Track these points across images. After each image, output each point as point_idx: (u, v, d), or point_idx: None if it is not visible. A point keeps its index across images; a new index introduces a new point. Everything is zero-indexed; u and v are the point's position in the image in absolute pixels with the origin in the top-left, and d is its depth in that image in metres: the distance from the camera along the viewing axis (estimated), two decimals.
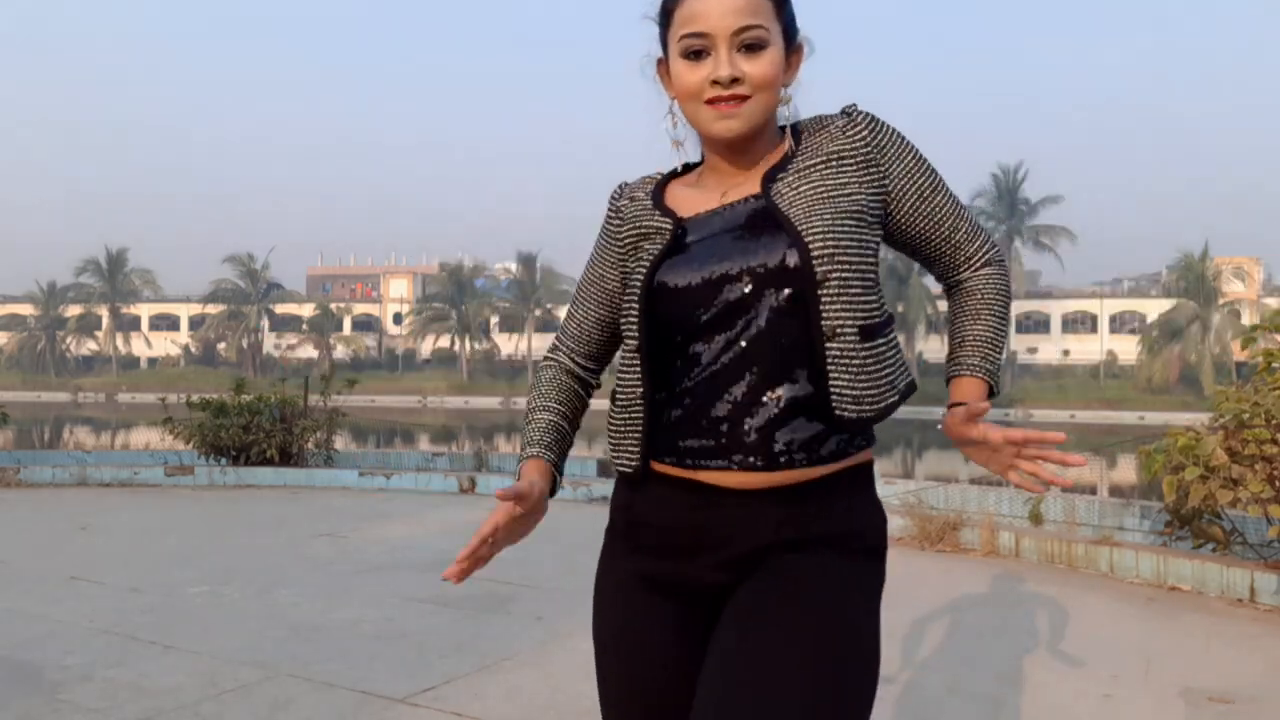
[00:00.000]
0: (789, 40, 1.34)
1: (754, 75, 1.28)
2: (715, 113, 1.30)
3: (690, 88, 1.31)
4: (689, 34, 1.29)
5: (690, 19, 1.29)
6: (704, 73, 1.29)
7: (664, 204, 1.39)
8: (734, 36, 1.28)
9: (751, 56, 1.29)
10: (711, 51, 1.29)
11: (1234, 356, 46.50)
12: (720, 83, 1.28)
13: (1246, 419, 5.15)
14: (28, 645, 3.93)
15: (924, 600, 4.92)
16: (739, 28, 1.27)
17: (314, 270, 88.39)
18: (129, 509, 7.94)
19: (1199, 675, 3.76)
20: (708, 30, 1.28)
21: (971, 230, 1.43)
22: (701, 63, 1.29)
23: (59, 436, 29.83)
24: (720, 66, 1.27)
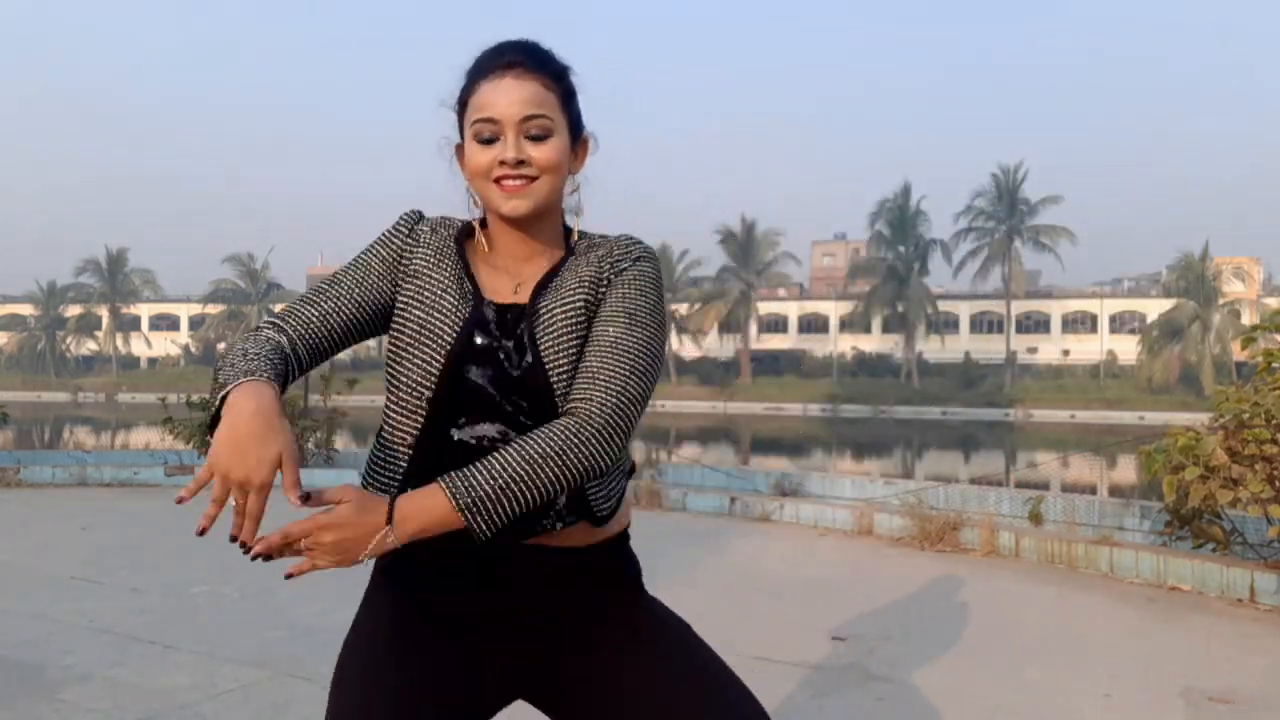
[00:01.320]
0: (575, 133, 1.45)
1: (539, 159, 1.38)
2: (504, 193, 1.39)
3: (480, 168, 1.40)
4: (481, 119, 1.39)
5: (482, 106, 1.39)
6: (493, 155, 1.39)
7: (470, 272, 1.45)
8: (521, 124, 1.38)
9: (538, 144, 1.39)
10: (501, 137, 1.38)
11: (1234, 356, 46.51)
12: (507, 163, 1.38)
13: (1246, 419, 5.15)
14: (28, 645, 3.93)
15: (924, 600, 4.92)
16: (525, 116, 1.38)
17: (314, 270, 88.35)
18: (129, 509, 7.94)
19: (1199, 675, 3.76)
20: (497, 116, 1.38)
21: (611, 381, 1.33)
22: (491, 147, 1.39)
23: (59, 436, 29.85)
24: (508, 149, 1.37)
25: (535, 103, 1.38)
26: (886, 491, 8.33)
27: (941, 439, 37.70)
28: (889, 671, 3.76)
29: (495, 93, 1.38)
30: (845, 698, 3.46)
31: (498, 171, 1.38)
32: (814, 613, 4.60)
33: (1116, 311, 62.77)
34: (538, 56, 1.42)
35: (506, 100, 1.38)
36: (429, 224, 1.49)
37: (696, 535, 6.82)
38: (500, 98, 1.38)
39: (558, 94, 1.41)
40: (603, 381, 1.33)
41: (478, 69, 1.43)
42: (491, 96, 1.38)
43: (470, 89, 1.43)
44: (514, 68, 1.39)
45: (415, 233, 1.48)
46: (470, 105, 1.41)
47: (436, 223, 1.49)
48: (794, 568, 5.76)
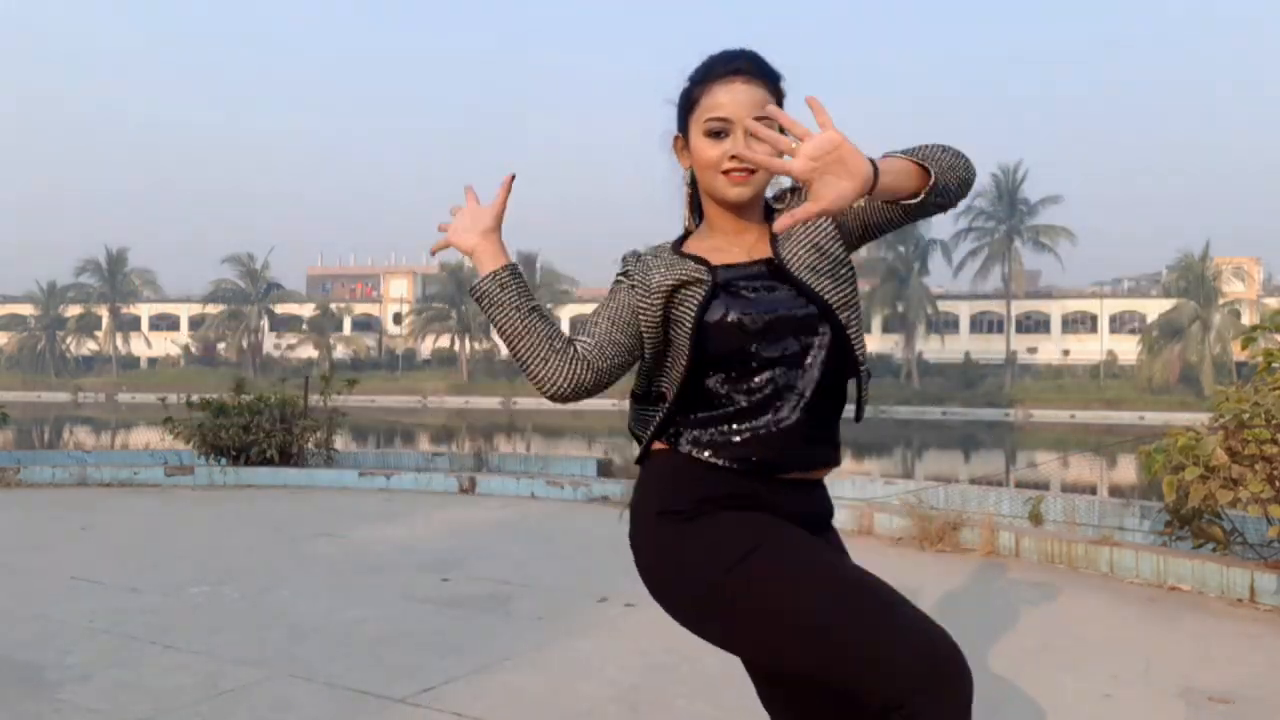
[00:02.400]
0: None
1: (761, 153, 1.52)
2: (730, 181, 1.62)
3: (711, 160, 1.62)
4: (713, 117, 1.61)
5: (715, 106, 1.61)
6: (723, 149, 1.61)
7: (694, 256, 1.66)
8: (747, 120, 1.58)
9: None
10: (730, 133, 1.60)
11: (1234, 356, 46.50)
12: (737, 158, 1.59)
13: (1246, 419, 5.15)
14: (28, 645, 3.93)
15: (924, 600, 4.92)
16: (753, 116, 1.58)
17: (314, 270, 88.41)
18: (129, 509, 7.94)
19: (1199, 675, 3.76)
20: (729, 115, 1.60)
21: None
22: (721, 141, 1.61)
23: (59, 436, 29.85)
24: (737, 146, 1.58)
25: (760, 105, 1.59)
26: (886, 491, 8.33)
27: (941, 439, 37.70)
28: None
29: (727, 94, 1.61)
30: None
31: (726, 164, 1.60)
32: None
33: (1116, 311, 62.75)
34: (761, 65, 1.64)
35: (737, 102, 1.60)
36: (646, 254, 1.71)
37: None
38: (731, 99, 1.60)
39: (775, 98, 1.63)
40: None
41: (708, 73, 1.64)
42: (724, 98, 1.61)
43: (701, 90, 1.64)
44: (742, 74, 1.62)
45: (641, 262, 1.69)
46: (701, 104, 1.63)
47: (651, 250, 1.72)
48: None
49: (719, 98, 1.61)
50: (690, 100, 1.66)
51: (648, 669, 3.70)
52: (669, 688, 3.51)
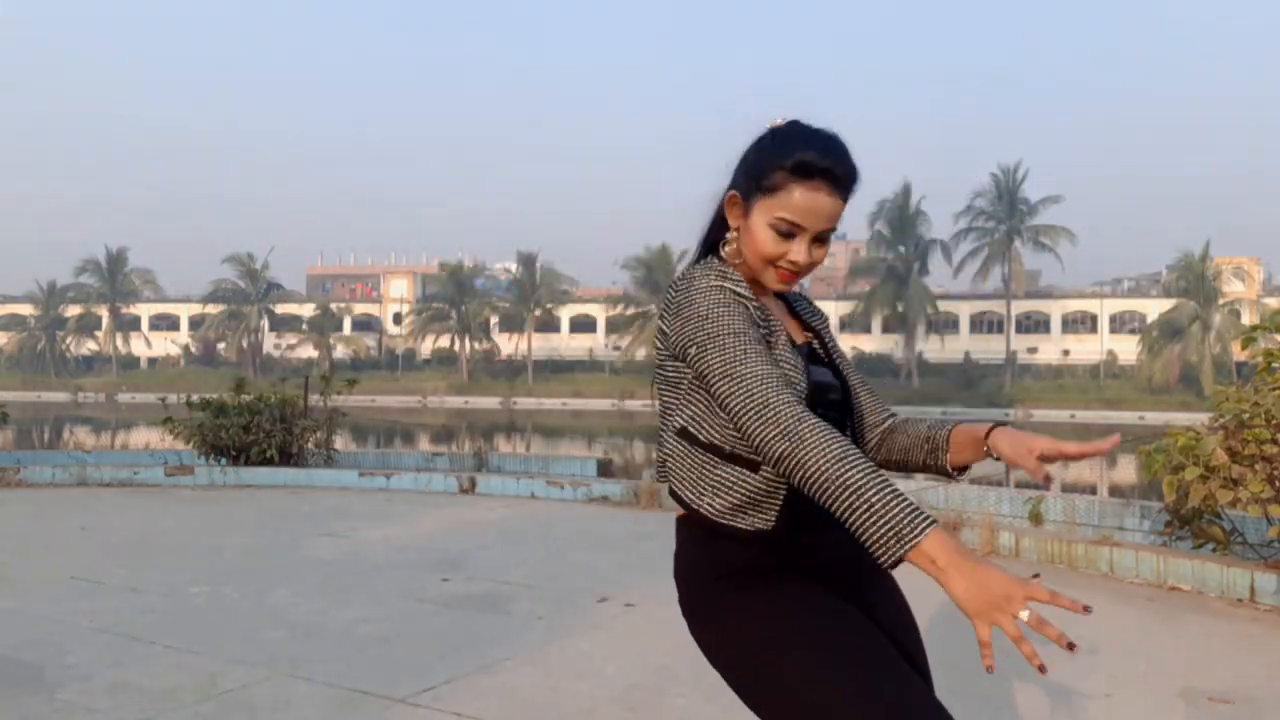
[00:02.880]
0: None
1: (816, 259, 1.61)
2: (778, 278, 1.61)
3: (770, 255, 1.58)
4: (788, 220, 1.56)
5: (793, 210, 1.55)
6: (784, 250, 1.58)
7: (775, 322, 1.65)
8: (818, 231, 1.58)
9: (820, 246, 1.60)
10: (797, 236, 1.57)
11: (1234, 356, 46.48)
12: (795, 263, 1.58)
13: (1246, 419, 5.15)
14: (28, 645, 3.93)
15: (924, 600, 4.92)
16: (822, 229, 1.58)
17: (314, 270, 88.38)
18: (129, 509, 7.94)
19: (1199, 675, 3.76)
20: (805, 226, 1.56)
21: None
22: (785, 241, 1.57)
23: (59, 436, 29.83)
24: (800, 254, 1.58)
25: (834, 218, 1.58)
26: None
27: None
28: None
29: (811, 203, 1.55)
30: None
31: (783, 265, 1.59)
32: None
33: (1116, 311, 62.74)
34: (853, 180, 1.59)
35: (817, 216, 1.56)
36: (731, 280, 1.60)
37: None
38: (814, 209, 1.55)
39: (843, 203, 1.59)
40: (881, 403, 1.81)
41: (803, 166, 1.54)
42: (806, 204, 1.55)
43: (781, 178, 1.55)
44: (833, 186, 1.55)
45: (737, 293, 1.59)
46: (777, 195, 1.56)
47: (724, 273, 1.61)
48: None
49: (799, 201, 1.54)
50: (765, 179, 1.57)
51: (648, 669, 3.70)
52: (669, 688, 3.51)
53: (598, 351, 66.41)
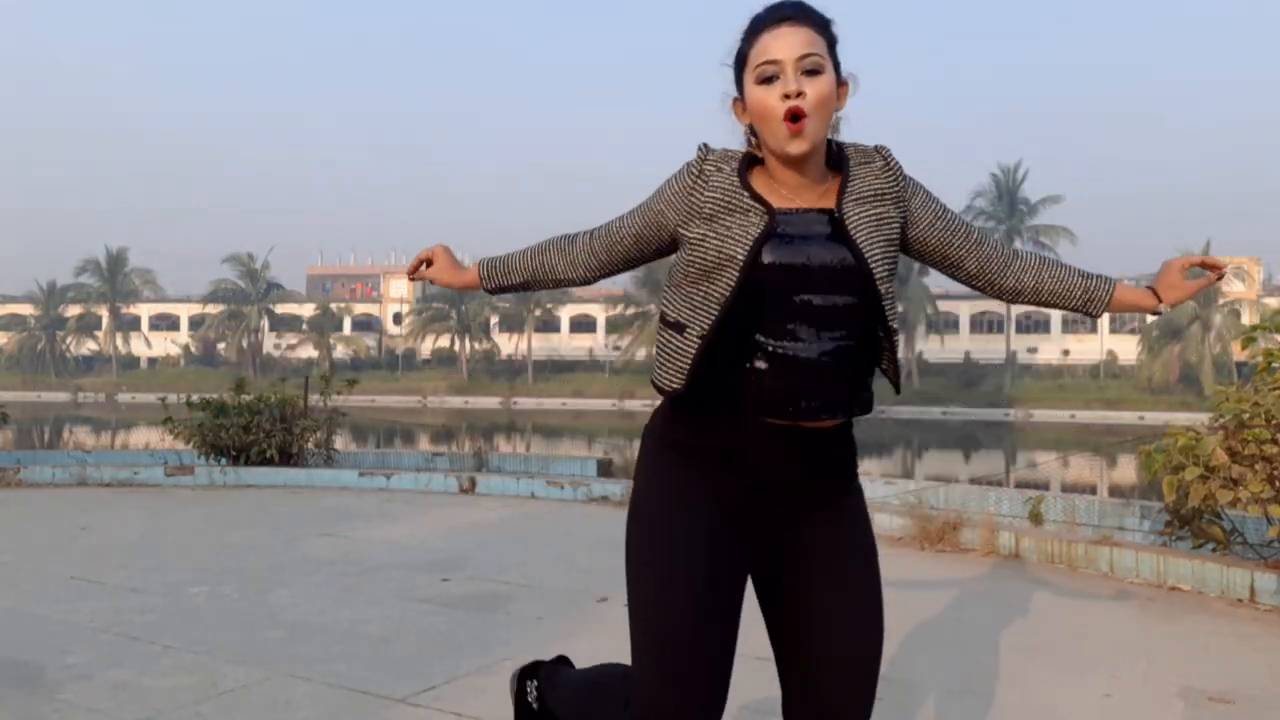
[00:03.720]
0: (838, 74, 1.68)
1: (812, 94, 1.61)
2: (788, 133, 1.61)
3: (767, 106, 1.63)
4: (764, 61, 1.64)
5: (764, 52, 1.64)
6: (777, 92, 1.62)
7: (754, 189, 1.67)
8: (798, 62, 1.62)
9: (811, 79, 1.62)
10: (781, 75, 1.62)
11: (1234, 356, 46.50)
12: (790, 95, 1.60)
13: (1246, 419, 5.15)
14: (28, 645, 3.93)
15: (924, 600, 4.92)
16: (801, 54, 1.62)
17: (314, 270, 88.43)
18: (129, 509, 7.94)
19: (1199, 675, 3.76)
20: (778, 57, 1.62)
21: (983, 233, 1.84)
22: (773, 85, 1.63)
23: (59, 436, 29.85)
24: (789, 83, 1.61)
25: (809, 44, 1.63)
26: (886, 491, 8.33)
27: (941, 439, 37.70)
28: (888, 671, 3.75)
29: (775, 39, 1.64)
30: None
31: (783, 106, 1.60)
32: None
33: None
34: (806, 10, 1.68)
35: (785, 44, 1.62)
36: (713, 159, 1.71)
37: None
38: (779, 42, 1.63)
39: (825, 40, 1.66)
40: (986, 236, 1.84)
41: (756, 26, 1.68)
42: (772, 43, 1.64)
43: (750, 42, 1.68)
44: (788, 20, 1.65)
45: (703, 172, 1.70)
46: (752, 55, 1.66)
47: (720, 157, 1.72)
48: None
49: (765, 43, 1.65)
50: (742, 57, 1.70)
51: None
52: None
53: (598, 351, 66.43)
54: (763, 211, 1.64)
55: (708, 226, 1.66)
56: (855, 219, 1.67)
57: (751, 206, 1.65)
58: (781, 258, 1.62)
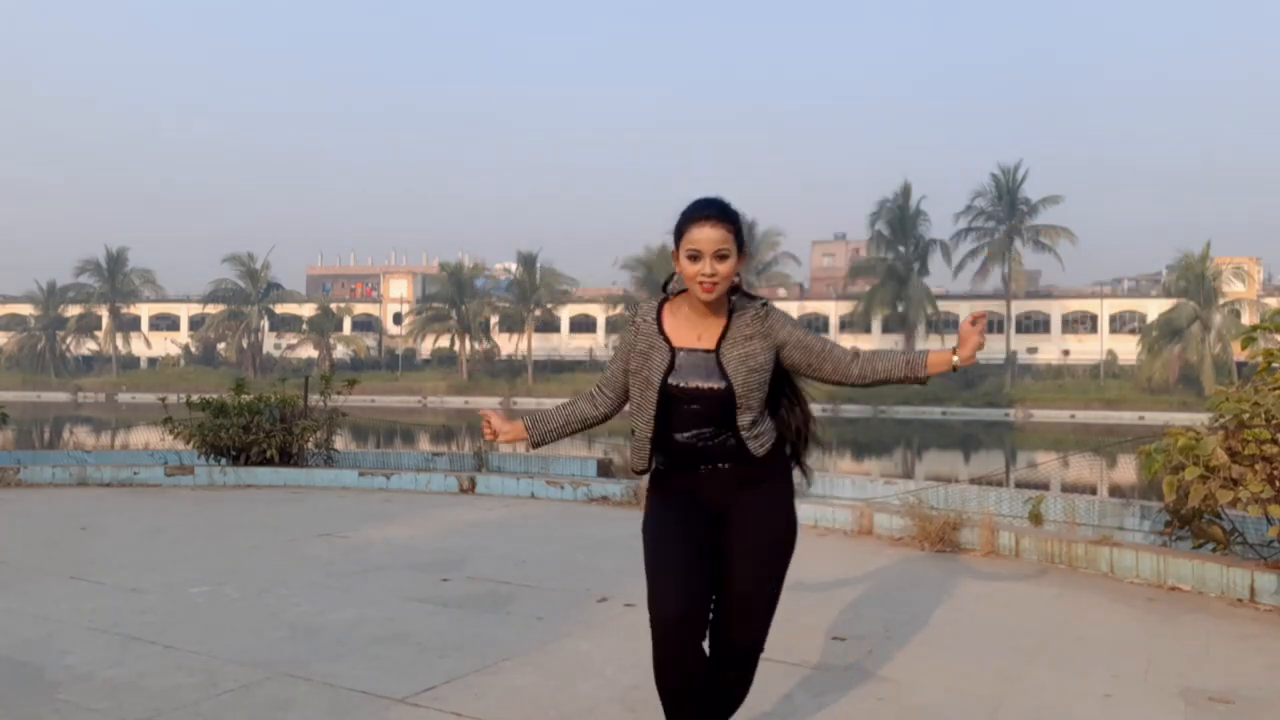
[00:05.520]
0: (741, 249, 2.55)
1: (721, 272, 2.51)
2: (702, 291, 2.53)
3: (689, 275, 2.54)
4: (691, 249, 2.52)
5: (692, 241, 2.51)
6: (698, 268, 2.51)
7: (665, 334, 2.62)
8: (713, 253, 2.50)
9: (722, 262, 2.51)
10: (701, 258, 2.51)
11: (1234, 356, 46.48)
12: (705, 274, 2.51)
13: (1246, 419, 5.15)
14: (28, 645, 3.93)
15: (924, 600, 4.92)
16: (715, 249, 2.50)
17: (314, 270, 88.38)
18: (129, 509, 7.94)
19: (1199, 675, 3.76)
20: (701, 249, 2.50)
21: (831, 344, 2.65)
22: (696, 263, 2.51)
23: (59, 436, 29.83)
24: (705, 267, 2.51)
25: (721, 240, 2.50)
26: (886, 491, 8.34)
27: (941, 439, 37.69)
28: (889, 671, 3.76)
29: (700, 233, 2.50)
30: (845, 698, 3.46)
31: (700, 279, 2.51)
32: (814, 613, 4.60)
33: (1116, 311, 62.73)
34: (724, 212, 2.52)
35: (706, 238, 2.50)
36: (641, 314, 2.68)
37: None
38: (702, 236, 2.50)
39: (733, 235, 2.52)
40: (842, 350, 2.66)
41: (691, 216, 2.53)
42: (698, 234, 2.50)
43: (684, 228, 2.53)
44: (710, 220, 2.50)
45: (635, 324, 2.67)
46: (685, 238, 2.52)
47: (645, 310, 2.67)
48: (794, 568, 5.74)
49: (694, 235, 2.51)
50: (679, 233, 2.55)
51: (647, 669, 3.69)
52: None
53: (597, 351, 66.38)
54: (668, 351, 2.59)
55: (641, 360, 2.63)
56: (728, 356, 2.56)
57: (660, 345, 2.60)
58: (677, 381, 2.57)
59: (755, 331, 2.57)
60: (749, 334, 2.57)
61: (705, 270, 2.48)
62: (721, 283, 2.50)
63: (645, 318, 2.64)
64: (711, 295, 2.50)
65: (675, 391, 2.56)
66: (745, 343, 2.56)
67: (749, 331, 2.57)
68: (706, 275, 2.49)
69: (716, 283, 2.50)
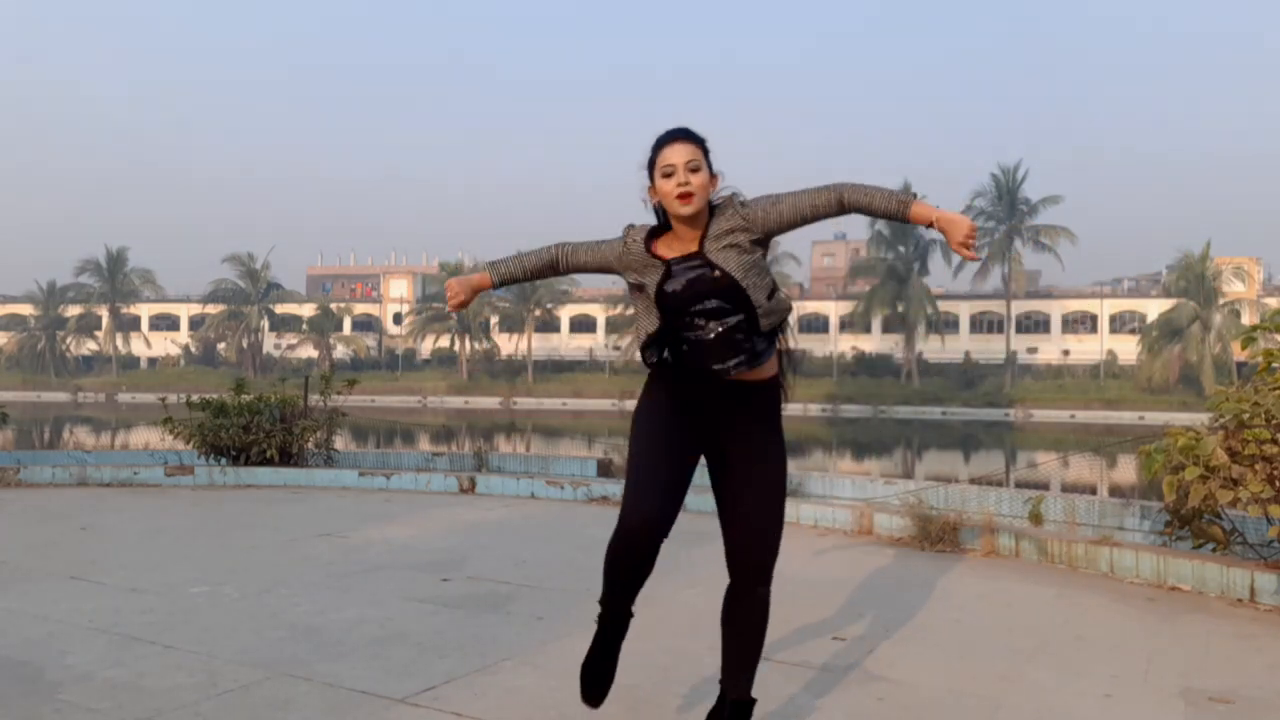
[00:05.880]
0: (710, 170, 2.73)
1: (695, 182, 2.69)
2: (681, 204, 2.69)
3: (667, 191, 2.70)
4: (665, 167, 2.71)
5: (664, 159, 2.71)
6: (674, 182, 2.69)
7: (655, 252, 2.77)
8: (686, 164, 2.69)
9: (695, 174, 2.69)
10: (675, 172, 2.69)
11: (1234, 356, 46.49)
12: (682, 184, 2.67)
13: (1246, 419, 5.15)
14: (28, 645, 3.93)
15: (924, 600, 4.92)
16: (687, 160, 2.69)
17: (314, 270, 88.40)
18: (129, 509, 7.94)
19: (1199, 675, 3.76)
20: (674, 163, 2.69)
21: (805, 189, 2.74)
22: (671, 178, 2.69)
23: (59, 436, 29.83)
24: (680, 177, 2.68)
25: (691, 154, 2.70)
26: (886, 491, 8.34)
27: (941, 439, 37.69)
28: (889, 671, 3.76)
29: (671, 151, 2.71)
30: (845, 698, 3.46)
31: (676, 191, 2.67)
32: (814, 613, 4.60)
33: (1116, 311, 62.74)
34: (690, 133, 2.74)
35: (677, 153, 2.70)
36: (633, 235, 2.81)
37: (697, 535, 6.81)
38: (673, 152, 2.70)
39: (702, 151, 2.72)
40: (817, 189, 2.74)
41: (660, 143, 2.74)
42: (669, 153, 2.70)
43: (656, 153, 2.73)
44: (678, 139, 2.72)
45: (627, 242, 2.80)
46: (658, 161, 2.72)
47: (637, 231, 2.80)
48: (794, 568, 5.75)
49: (666, 154, 2.71)
50: (652, 160, 2.76)
51: (647, 669, 3.71)
52: (668, 688, 3.52)
53: (597, 351, 66.43)
54: (661, 265, 2.74)
55: (635, 275, 2.79)
56: (713, 251, 2.71)
57: (653, 263, 2.76)
58: (673, 287, 2.71)
59: (735, 225, 2.69)
60: (729, 228, 2.69)
61: (680, 179, 2.65)
62: (698, 192, 2.66)
63: (635, 239, 2.78)
64: (691, 206, 2.66)
65: (674, 301, 2.69)
66: (728, 235, 2.69)
67: (729, 225, 2.70)
68: (682, 184, 2.64)
69: (693, 192, 2.65)
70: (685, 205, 2.65)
